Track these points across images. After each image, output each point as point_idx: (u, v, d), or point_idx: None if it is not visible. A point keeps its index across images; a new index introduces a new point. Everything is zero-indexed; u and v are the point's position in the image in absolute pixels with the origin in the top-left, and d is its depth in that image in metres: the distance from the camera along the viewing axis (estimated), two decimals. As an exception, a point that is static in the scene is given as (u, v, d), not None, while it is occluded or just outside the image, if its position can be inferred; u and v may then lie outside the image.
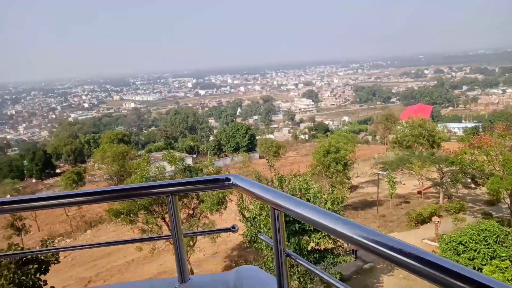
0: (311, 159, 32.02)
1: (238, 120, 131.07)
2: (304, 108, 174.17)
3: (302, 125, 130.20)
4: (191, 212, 18.45)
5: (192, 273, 17.31)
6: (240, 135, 65.63)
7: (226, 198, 17.24)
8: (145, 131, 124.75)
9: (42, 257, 12.95)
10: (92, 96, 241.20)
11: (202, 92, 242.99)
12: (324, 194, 11.45)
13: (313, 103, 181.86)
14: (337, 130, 74.24)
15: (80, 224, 33.20)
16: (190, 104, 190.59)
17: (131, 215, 16.98)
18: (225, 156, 63.31)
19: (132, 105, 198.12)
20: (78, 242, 29.22)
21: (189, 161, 49.49)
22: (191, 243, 17.47)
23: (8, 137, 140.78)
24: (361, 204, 30.43)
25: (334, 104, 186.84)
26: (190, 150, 68.73)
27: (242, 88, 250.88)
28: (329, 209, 11.04)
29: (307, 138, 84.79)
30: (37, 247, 13.91)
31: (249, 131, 68.43)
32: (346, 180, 26.69)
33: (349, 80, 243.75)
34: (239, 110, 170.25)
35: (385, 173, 25.48)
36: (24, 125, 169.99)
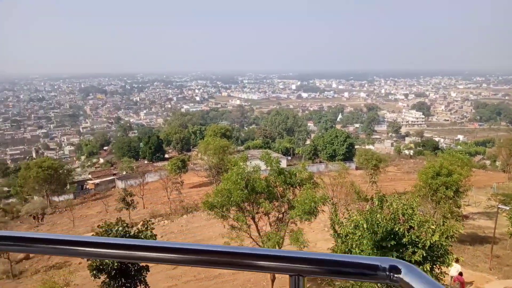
0: (415, 178, 29.18)
1: (338, 126, 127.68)
2: (412, 121, 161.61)
3: (407, 139, 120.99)
4: (280, 216, 18.30)
5: (274, 279, 16.74)
6: (338, 143, 63.59)
7: (318, 208, 16.62)
8: (246, 128, 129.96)
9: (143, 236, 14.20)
10: (203, 90, 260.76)
11: (304, 95, 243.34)
12: (433, 225, 10.02)
13: (423, 116, 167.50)
14: (448, 149, 66.83)
15: (178, 208, 35.85)
16: (291, 106, 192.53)
17: (224, 209, 17.53)
18: (320, 162, 62.07)
19: (238, 102, 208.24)
20: (174, 225, 31.56)
21: (283, 162, 49.80)
22: (281, 241, 17.25)
23: (131, 120, 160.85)
24: (470, 238, 26.65)
25: (448, 120, 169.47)
26: (286, 152, 69.16)
27: (346, 94, 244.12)
28: (435, 241, 9.65)
29: (411, 154, 78.24)
30: (139, 225, 15.26)
31: (348, 139, 65.84)
32: (456, 208, 23.53)
33: (469, 95, 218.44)
34: (340, 116, 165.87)
35: (507, 207, 21.70)
36: (144, 111, 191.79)
